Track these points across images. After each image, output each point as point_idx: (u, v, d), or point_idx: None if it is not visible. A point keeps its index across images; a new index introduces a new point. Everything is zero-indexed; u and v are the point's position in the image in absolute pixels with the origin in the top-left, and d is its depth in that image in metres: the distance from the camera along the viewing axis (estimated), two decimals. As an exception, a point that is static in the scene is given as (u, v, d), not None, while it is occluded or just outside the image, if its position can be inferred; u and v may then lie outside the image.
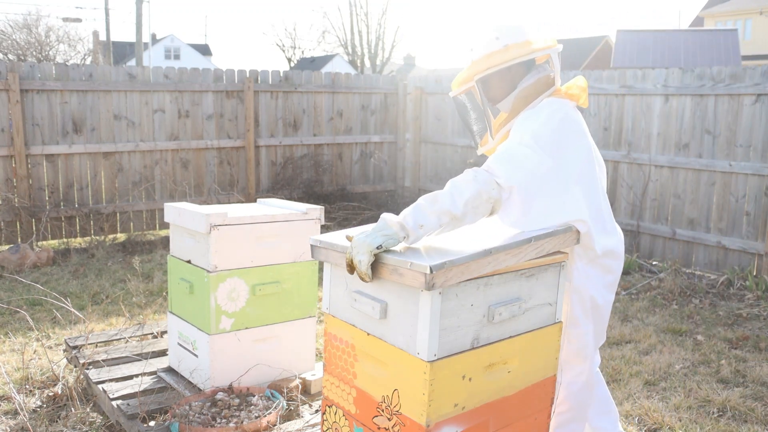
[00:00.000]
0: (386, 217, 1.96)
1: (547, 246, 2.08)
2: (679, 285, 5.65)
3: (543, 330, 2.18)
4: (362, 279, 1.91)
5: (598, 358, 2.61)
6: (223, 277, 3.17)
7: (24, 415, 3.10)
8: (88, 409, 3.23)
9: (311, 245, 2.14)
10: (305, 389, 3.35)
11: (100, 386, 3.32)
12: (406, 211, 1.98)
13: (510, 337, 2.08)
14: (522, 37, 2.30)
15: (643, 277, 6.05)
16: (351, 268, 1.93)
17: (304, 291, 3.45)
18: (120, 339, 4.07)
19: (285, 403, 3.16)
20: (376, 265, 1.90)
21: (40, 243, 6.87)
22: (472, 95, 2.47)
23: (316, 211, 3.41)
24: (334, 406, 2.20)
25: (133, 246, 7.00)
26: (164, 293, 5.32)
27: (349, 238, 1.98)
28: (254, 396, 3.20)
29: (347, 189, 8.80)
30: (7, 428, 3.12)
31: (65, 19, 32.06)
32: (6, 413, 3.30)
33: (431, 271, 1.75)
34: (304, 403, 3.25)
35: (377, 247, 1.89)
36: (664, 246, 6.52)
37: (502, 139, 2.38)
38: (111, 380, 3.42)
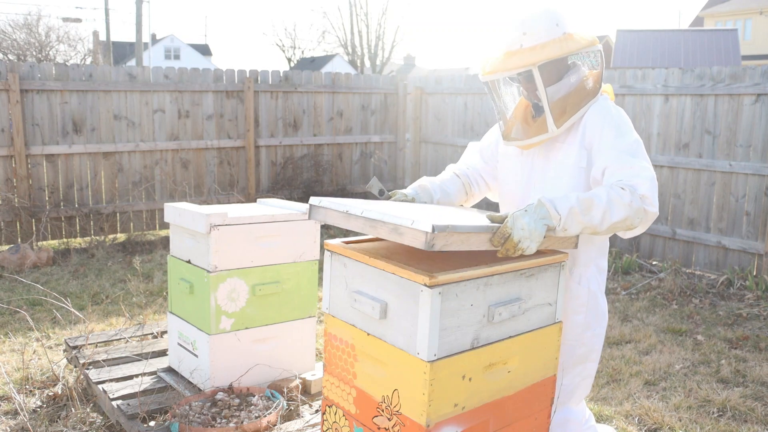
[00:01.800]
0: (548, 205, 1.98)
1: (546, 242, 2.07)
2: (679, 285, 5.65)
3: (543, 330, 2.18)
4: (511, 254, 1.96)
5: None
6: (223, 277, 3.17)
7: (24, 415, 3.10)
8: (88, 409, 3.23)
9: (310, 204, 2.11)
10: (305, 389, 3.35)
11: (100, 386, 3.32)
12: (561, 207, 1.99)
13: (510, 337, 2.08)
14: (575, 28, 2.28)
15: (643, 277, 6.05)
16: (506, 244, 1.94)
17: (304, 291, 3.44)
18: (120, 339, 4.07)
19: (285, 403, 3.16)
20: (375, 224, 1.91)
21: (40, 243, 6.87)
22: (507, 80, 2.39)
23: (316, 211, 3.40)
24: (334, 406, 2.20)
25: (133, 246, 7.00)
26: (164, 293, 5.32)
27: (497, 219, 1.98)
28: (254, 396, 3.20)
29: (347, 189, 8.80)
30: (7, 428, 3.12)
31: (65, 19, 32.06)
32: (6, 413, 3.30)
33: (433, 231, 1.74)
34: (304, 403, 3.25)
35: None
36: (664, 246, 6.52)
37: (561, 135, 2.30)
38: (111, 380, 3.42)
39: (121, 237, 7.35)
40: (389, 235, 1.85)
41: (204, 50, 52.53)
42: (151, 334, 4.20)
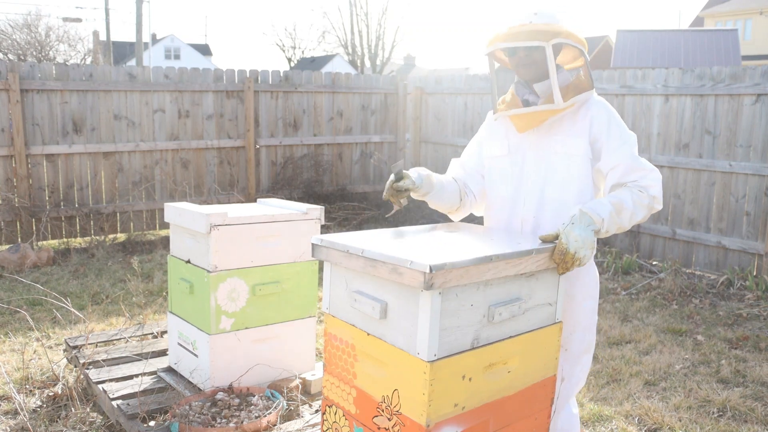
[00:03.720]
0: (590, 213, 2.15)
1: (548, 262, 2.09)
2: (679, 285, 5.65)
3: (543, 330, 2.18)
4: (570, 267, 2.10)
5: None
6: (223, 277, 3.17)
7: (24, 415, 3.10)
8: (88, 409, 3.22)
9: (313, 244, 2.14)
10: (305, 389, 3.35)
11: (100, 386, 3.32)
12: (602, 212, 2.17)
13: (510, 337, 2.08)
14: (573, 28, 2.39)
15: (643, 277, 6.05)
16: (565, 257, 2.08)
17: (304, 291, 3.44)
18: (120, 339, 4.07)
19: (285, 403, 3.16)
20: (375, 264, 1.91)
21: (40, 243, 6.87)
22: (508, 55, 2.43)
23: (316, 211, 3.41)
24: (334, 406, 2.20)
25: (133, 246, 7.00)
26: (164, 293, 5.32)
27: (549, 238, 2.11)
28: (254, 396, 3.20)
29: (347, 189, 8.80)
30: (7, 428, 3.12)
31: (65, 19, 32.05)
32: (6, 413, 3.30)
33: (431, 271, 1.75)
34: (304, 403, 3.25)
35: None
36: (664, 246, 6.52)
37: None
38: (111, 380, 3.42)
39: (121, 237, 7.35)
40: (390, 276, 1.87)
41: (204, 50, 52.52)
42: (151, 334, 4.20)
